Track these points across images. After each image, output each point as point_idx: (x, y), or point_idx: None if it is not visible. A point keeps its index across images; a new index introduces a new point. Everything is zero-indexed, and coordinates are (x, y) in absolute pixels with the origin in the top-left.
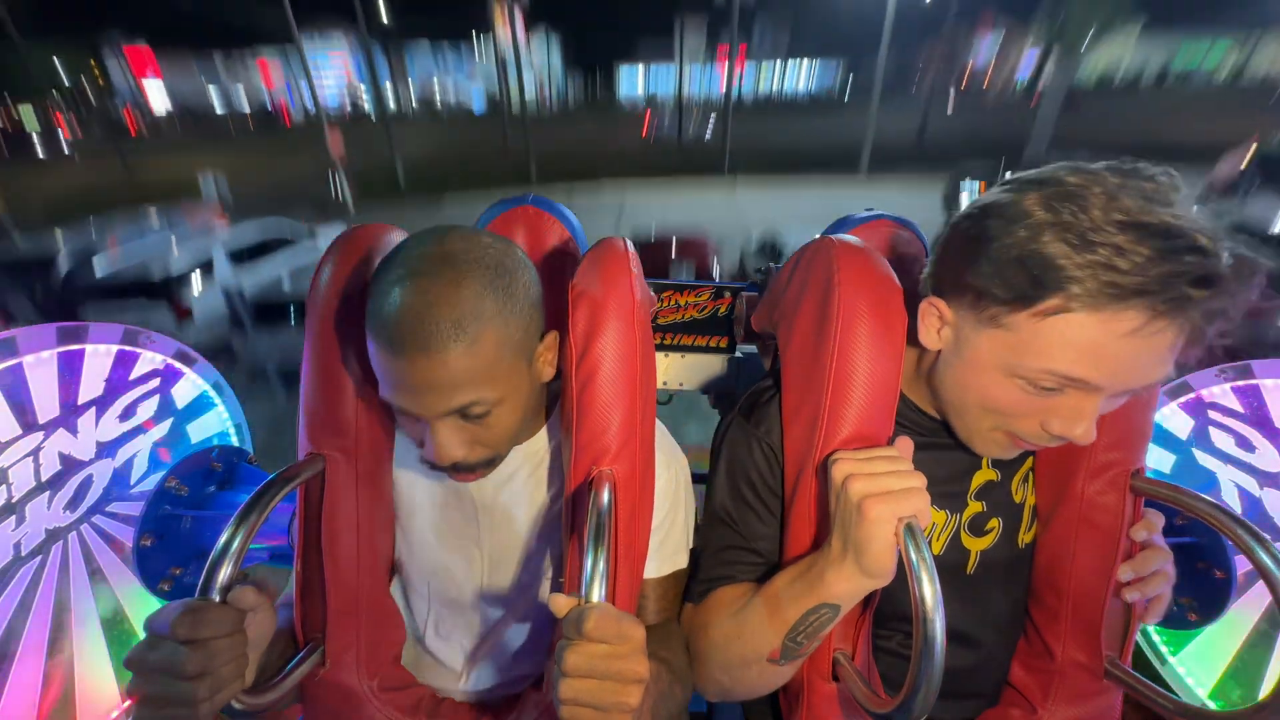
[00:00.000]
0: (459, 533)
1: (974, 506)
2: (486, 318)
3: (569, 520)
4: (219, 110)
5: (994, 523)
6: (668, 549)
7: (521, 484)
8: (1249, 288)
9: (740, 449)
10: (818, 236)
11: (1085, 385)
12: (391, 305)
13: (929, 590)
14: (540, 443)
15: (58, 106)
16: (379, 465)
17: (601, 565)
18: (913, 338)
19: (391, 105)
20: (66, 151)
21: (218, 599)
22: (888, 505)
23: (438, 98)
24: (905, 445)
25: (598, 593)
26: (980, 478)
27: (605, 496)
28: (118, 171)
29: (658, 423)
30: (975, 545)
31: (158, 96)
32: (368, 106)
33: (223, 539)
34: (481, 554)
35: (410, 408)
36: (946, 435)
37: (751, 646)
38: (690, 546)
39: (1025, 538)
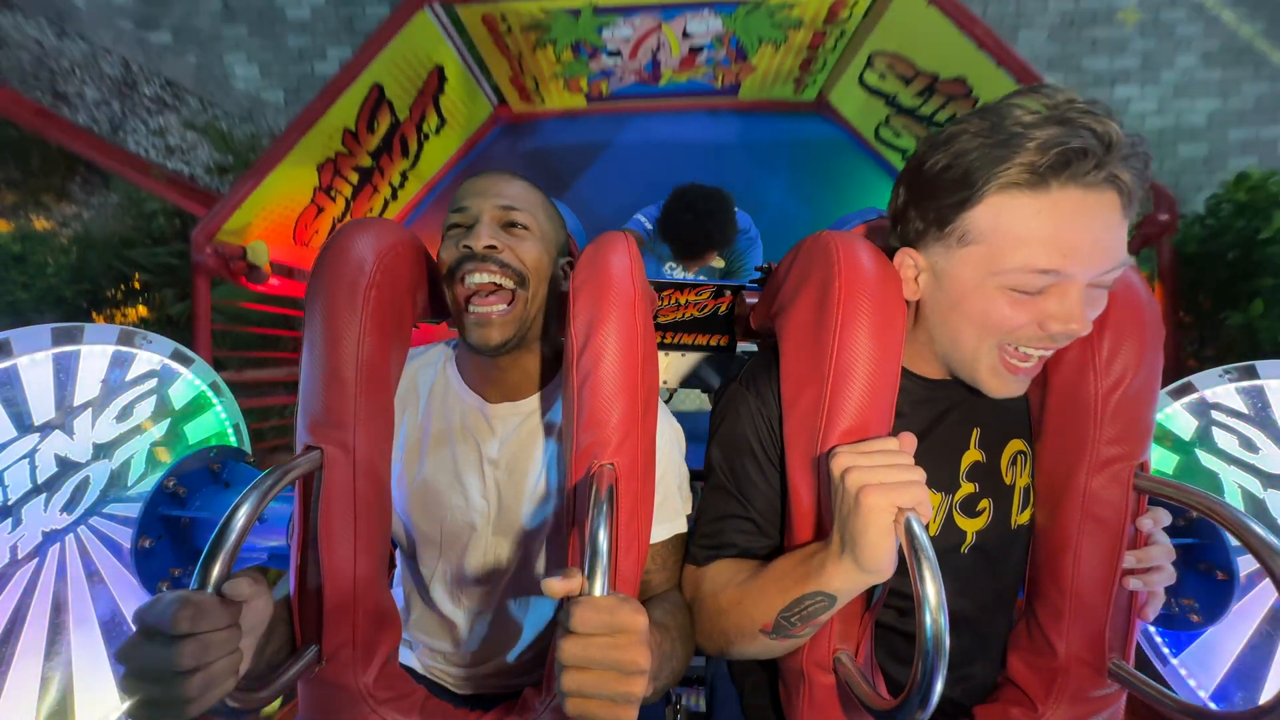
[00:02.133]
0: (470, 470)
1: (966, 487)
2: (538, 192)
3: (570, 512)
4: None
5: (985, 503)
6: (667, 511)
7: (522, 441)
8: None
9: (741, 418)
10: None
11: (1060, 275)
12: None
13: (931, 589)
14: (532, 404)
15: None
16: (378, 459)
17: (602, 559)
18: None
19: None
20: None
21: (211, 592)
22: (884, 495)
23: None
24: (908, 440)
25: (599, 586)
26: (969, 458)
27: (606, 491)
28: None
29: None
30: (970, 526)
31: None
32: None
33: (217, 532)
34: (489, 503)
35: (470, 204)
36: (941, 398)
37: (749, 617)
38: (687, 512)
39: (1020, 519)
